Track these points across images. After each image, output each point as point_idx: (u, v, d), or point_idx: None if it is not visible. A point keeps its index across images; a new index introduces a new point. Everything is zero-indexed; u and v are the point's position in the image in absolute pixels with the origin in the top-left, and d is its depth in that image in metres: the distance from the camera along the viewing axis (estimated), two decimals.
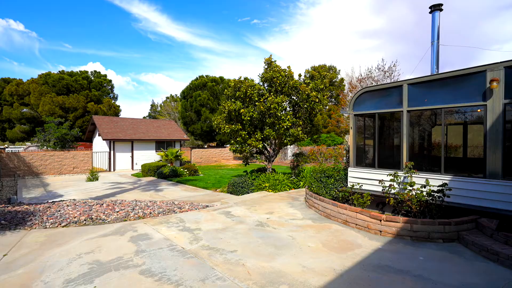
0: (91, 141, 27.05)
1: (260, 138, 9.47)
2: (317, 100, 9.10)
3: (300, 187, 9.94)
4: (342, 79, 38.69)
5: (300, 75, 9.74)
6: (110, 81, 36.01)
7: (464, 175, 5.35)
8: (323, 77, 9.73)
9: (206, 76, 32.47)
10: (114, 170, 21.07)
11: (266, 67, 9.86)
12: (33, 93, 30.15)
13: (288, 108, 9.81)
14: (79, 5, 75.48)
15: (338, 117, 37.06)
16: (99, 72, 35.30)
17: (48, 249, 4.46)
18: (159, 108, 50.97)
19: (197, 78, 32.35)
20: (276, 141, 10.12)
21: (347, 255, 4.14)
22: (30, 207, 7.02)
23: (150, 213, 6.59)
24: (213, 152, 28.01)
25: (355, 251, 4.30)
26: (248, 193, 9.76)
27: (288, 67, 9.74)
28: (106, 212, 6.51)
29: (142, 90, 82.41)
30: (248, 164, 11.10)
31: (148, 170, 16.93)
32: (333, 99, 41.50)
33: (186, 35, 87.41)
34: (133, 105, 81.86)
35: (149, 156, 23.29)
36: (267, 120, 9.18)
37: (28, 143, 35.12)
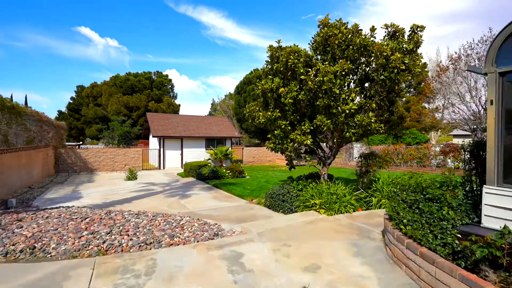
0: (148, 138, 27.67)
1: (308, 130, 6.34)
2: (403, 67, 5.47)
3: (372, 207, 6.44)
4: (424, 64, 31.59)
5: (373, 29, 6.15)
6: (170, 80, 36.91)
7: None
8: (415, 31, 5.98)
9: (261, 68, 30.18)
10: (163, 168, 20.45)
11: (320, 29, 6.63)
12: (104, 94, 32.44)
13: (352, 85, 6.39)
14: (159, 19, 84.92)
15: (419, 109, 30.27)
16: (161, 72, 36.47)
17: None
18: (218, 107, 51.29)
19: (251, 72, 30.33)
20: (334, 134, 6.82)
21: None
22: (2, 219, 5.50)
23: (121, 243, 4.24)
24: (267, 150, 25.49)
25: None
26: (291, 210, 6.75)
27: (355, 24, 6.30)
28: (65, 237, 4.43)
29: (211, 92, 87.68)
30: (294, 168, 8.04)
31: (190, 169, 15.35)
32: (411, 89, 34.61)
33: (250, 37, 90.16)
34: (201, 107, 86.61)
35: (199, 154, 22.12)
36: (318, 103, 6.00)
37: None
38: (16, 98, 74.28)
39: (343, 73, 5.59)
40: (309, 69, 6.32)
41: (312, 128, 6.44)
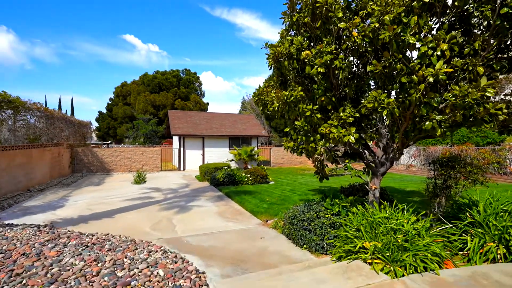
0: (172, 137, 26.60)
1: (350, 119, 3.76)
2: None
3: (470, 256, 3.64)
4: None
5: None
6: (198, 78, 35.82)
7: None
8: None
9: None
10: (183, 169, 18.87)
11: None
12: (132, 93, 32.22)
13: (434, 32, 3.61)
14: (195, 23, 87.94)
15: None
16: (189, 70, 35.52)
17: None
18: (248, 106, 49.44)
19: None
20: (399, 124, 4.09)
21: None
22: None
23: None
24: None
25: None
26: (321, 247, 4.22)
27: None
28: None
29: (244, 93, 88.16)
30: (327, 179, 5.43)
31: (205, 172, 13.36)
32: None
33: None
34: (233, 107, 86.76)
35: (221, 154, 20.21)
36: (370, 68, 3.39)
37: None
38: (64, 100, 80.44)
39: (423, 5, 2.91)
40: (355, 16, 3.73)
41: (357, 116, 3.84)
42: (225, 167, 12.97)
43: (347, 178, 13.28)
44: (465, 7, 3.29)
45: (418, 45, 3.05)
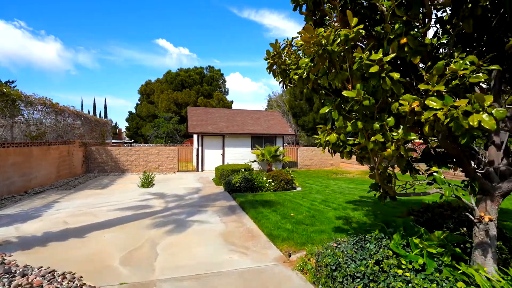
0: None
1: (483, 71, 1.60)
2: None
3: None
4: None
5: None
6: (222, 75, 34.53)
7: None
8: None
9: None
10: (202, 170, 17.34)
11: None
12: (156, 91, 31.70)
13: None
14: (224, 26, 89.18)
15: None
16: (212, 67, 34.37)
17: None
18: (275, 104, 47.36)
19: None
20: None
21: None
22: None
23: None
24: (327, 152, 20.26)
25: None
26: None
27: None
28: None
29: (271, 91, 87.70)
30: (393, 199, 3.22)
31: (221, 175, 11.58)
32: None
33: None
34: (260, 107, 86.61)
35: (243, 154, 18.39)
36: None
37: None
38: (99, 101, 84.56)
39: None
40: None
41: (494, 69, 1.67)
42: (243, 170, 11.06)
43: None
44: None
45: None
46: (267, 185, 9.90)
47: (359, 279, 2.51)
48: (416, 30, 2.11)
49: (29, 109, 10.52)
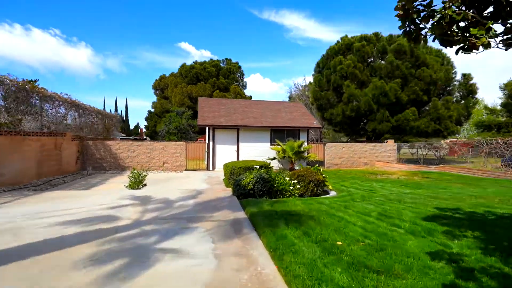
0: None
1: None
2: None
3: None
4: None
5: None
6: (240, 67, 32.15)
7: None
8: None
9: (352, 37, 21.62)
10: (213, 168, 14.93)
11: None
12: (170, 85, 30.07)
13: None
14: (244, 27, 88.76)
15: None
16: (230, 60, 32.08)
17: None
18: (297, 99, 44.30)
19: (337, 42, 22.20)
20: None
21: None
22: None
23: None
24: (361, 149, 17.15)
25: None
26: None
27: None
28: None
29: (292, 82, 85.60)
30: None
31: (230, 174, 9.01)
32: None
33: (334, 34, 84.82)
34: None
35: (261, 150, 15.76)
36: None
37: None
38: (120, 102, 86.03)
39: None
40: None
41: None
42: (258, 167, 8.39)
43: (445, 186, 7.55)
44: None
45: None
46: (291, 187, 7.18)
47: None
48: None
49: None
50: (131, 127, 52.35)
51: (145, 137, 30.85)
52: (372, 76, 19.79)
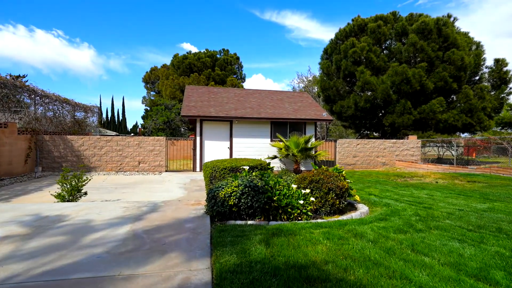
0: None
1: None
2: None
3: None
4: None
5: None
6: (238, 58, 29.31)
7: None
8: None
9: (365, 18, 18.75)
10: (200, 169, 12.19)
11: None
12: (161, 78, 27.42)
13: None
14: (246, 28, 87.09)
15: None
16: (227, 50, 29.26)
17: None
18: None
19: (348, 24, 19.35)
20: None
21: None
22: None
23: None
24: (378, 146, 14.31)
25: None
26: None
27: None
28: None
29: (296, 73, 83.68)
30: None
31: (211, 178, 6.24)
32: None
33: (334, 34, 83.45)
34: None
35: (259, 147, 13.01)
36: None
37: None
38: (117, 102, 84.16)
39: None
40: None
41: None
42: (249, 168, 5.61)
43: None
44: None
45: None
46: (301, 202, 4.40)
47: None
48: None
49: None
50: (130, 126, 50.02)
51: (132, 133, 28.21)
52: (390, 61, 16.94)
